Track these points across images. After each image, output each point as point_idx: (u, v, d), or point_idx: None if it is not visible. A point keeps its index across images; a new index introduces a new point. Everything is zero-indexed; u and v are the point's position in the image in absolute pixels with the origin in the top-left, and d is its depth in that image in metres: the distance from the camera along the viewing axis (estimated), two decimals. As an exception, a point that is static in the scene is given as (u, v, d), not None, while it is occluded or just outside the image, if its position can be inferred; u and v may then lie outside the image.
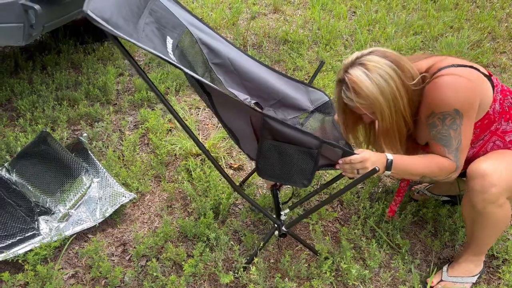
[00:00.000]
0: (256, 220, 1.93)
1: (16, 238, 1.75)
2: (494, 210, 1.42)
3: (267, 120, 1.27)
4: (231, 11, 4.14)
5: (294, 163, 1.37)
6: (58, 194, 1.94)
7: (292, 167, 1.38)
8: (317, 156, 1.34)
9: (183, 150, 2.31)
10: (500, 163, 1.43)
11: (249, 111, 1.30)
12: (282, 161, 1.37)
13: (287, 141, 1.32)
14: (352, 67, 1.41)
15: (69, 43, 3.36)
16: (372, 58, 1.39)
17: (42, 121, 2.49)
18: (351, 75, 1.40)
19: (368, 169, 1.37)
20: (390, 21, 3.89)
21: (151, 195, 2.08)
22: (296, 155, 1.34)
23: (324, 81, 2.90)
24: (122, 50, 1.12)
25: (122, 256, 1.78)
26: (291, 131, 1.29)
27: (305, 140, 1.31)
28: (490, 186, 1.38)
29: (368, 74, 1.37)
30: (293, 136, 1.30)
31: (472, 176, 1.43)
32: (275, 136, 1.31)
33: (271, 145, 1.33)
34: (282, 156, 1.36)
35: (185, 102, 2.77)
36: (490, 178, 1.38)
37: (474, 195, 1.42)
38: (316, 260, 1.73)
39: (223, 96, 1.25)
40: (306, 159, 1.35)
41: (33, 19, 2.01)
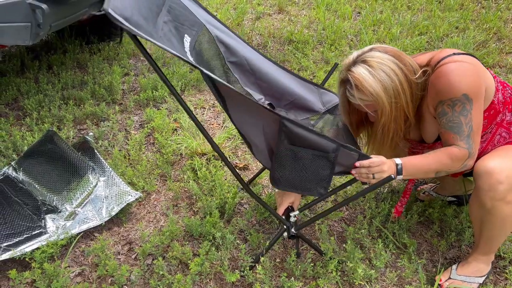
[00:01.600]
0: (261, 220, 1.93)
1: (23, 236, 1.76)
2: (502, 208, 1.41)
3: (284, 123, 1.25)
4: (236, 11, 4.15)
5: (310, 169, 1.34)
6: (65, 193, 1.95)
7: (308, 174, 1.35)
8: (335, 160, 1.32)
9: (189, 150, 2.31)
10: (506, 160, 1.42)
11: (266, 114, 1.28)
12: (299, 168, 1.35)
13: (304, 145, 1.30)
14: (354, 66, 1.39)
15: (75, 43, 3.37)
16: (374, 54, 1.38)
17: (49, 120, 2.51)
18: (354, 73, 1.38)
19: (385, 173, 1.36)
20: (395, 21, 3.88)
21: (157, 194, 2.09)
22: (313, 160, 1.32)
23: (329, 81, 2.89)
24: (142, 50, 1.13)
25: (128, 255, 1.79)
26: (309, 134, 1.27)
27: (322, 143, 1.29)
28: (497, 183, 1.38)
29: (371, 71, 1.35)
30: (310, 139, 1.28)
31: (479, 175, 1.42)
32: (293, 140, 1.28)
33: (288, 149, 1.31)
34: (298, 162, 1.33)
35: (190, 102, 2.78)
36: (497, 176, 1.38)
37: (482, 193, 1.42)
38: (322, 260, 1.73)
39: (239, 98, 1.24)
40: (323, 165, 1.33)
41: (40, 19, 2.02)
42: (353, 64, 1.40)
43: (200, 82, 3.00)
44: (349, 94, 1.43)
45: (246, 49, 1.65)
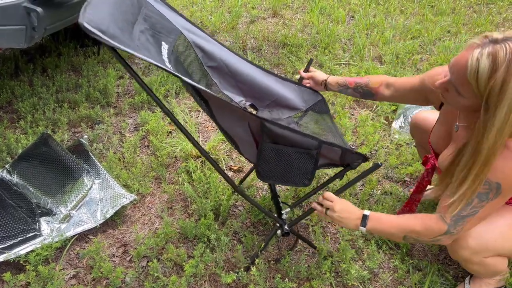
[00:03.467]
0: (256, 221, 1.94)
1: (18, 239, 1.76)
2: (472, 266, 1.38)
3: (265, 124, 1.28)
4: (230, 15, 4.17)
5: (294, 164, 1.38)
6: (59, 195, 1.95)
7: (292, 169, 1.39)
8: (317, 156, 1.35)
9: (183, 152, 2.32)
10: (480, 224, 1.29)
11: (247, 117, 1.31)
12: (283, 163, 1.38)
13: (287, 144, 1.32)
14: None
15: (69, 46, 3.37)
16: None
17: (43, 123, 2.51)
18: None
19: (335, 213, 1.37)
20: (388, 25, 3.92)
21: (151, 197, 2.10)
22: (296, 156, 1.35)
23: (323, 84, 2.92)
24: (120, 60, 1.13)
25: (123, 257, 1.79)
26: (290, 134, 1.30)
27: (304, 141, 1.32)
28: (459, 247, 1.34)
29: None
30: (292, 138, 1.31)
31: None
32: (274, 139, 1.32)
33: (270, 148, 1.34)
34: (282, 158, 1.37)
35: (185, 105, 2.79)
36: (461, 242, 1.32)
37: (448, 250, 1.41)
38: (316, 261, 1.74)
39: (221, 102, 1.25)
40: (306, 160, 1.36)
41: (35, 22, 2.03)
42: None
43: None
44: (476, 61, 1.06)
45: (224, 52, 1.66)
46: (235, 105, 1.26)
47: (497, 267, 1.38)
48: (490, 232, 1.32)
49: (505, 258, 1.40)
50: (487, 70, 1.03)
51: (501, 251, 1.35)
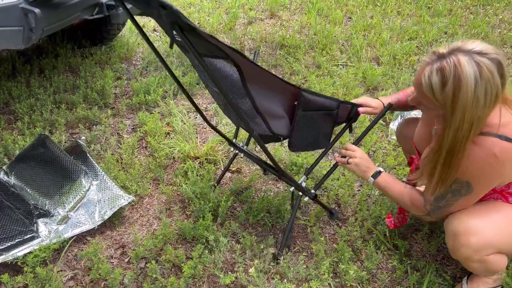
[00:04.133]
0: (254, 222, 1.94)
1: (15, 240, 1.75)
2: (472, 264, 1.39)
3: (302, 93, 1.43)
4: (228, 16, 4.17)
5: (320, 126, 1.60)
6: (57, 197, 1.95)
7: (319, 132, 1.62)
8: (336, 115, 1.58)
9: (182, 153, 2.32)
10: (475, 221, 1.34)
11: (285, 87, 1.43)
12: (312, 128, 1.58)
13: (314, 109, 1.51)
14: (464, 54, 1.13)
15: (66, 47, 3.37)
16: (488, 65, 1.12)
17: (40, 124, 2.50)
18: (460, 62, 1.12)
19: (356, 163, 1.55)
20: (385, 26, 3.93)
21: (149, 198, 2.09)
22: (322, 118, 1.57)
23: (320, 85, 2.92)
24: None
25: (121, 258, 1.79)
26: (319, 98, 1.49)
27: (328, 103, 1.53)
28: (460, 246, 1.35)
29: (477, 79, 1.12)
30: (320, 103, 1.50)
31: (446, 232, 1.41)
32: (306, 106, 1.49)
33: (303, 115, 1.51)
34: (312, 123, 1.57)
35: (183, 106, 2.79)
36: (462, 239, 1.34)
37: (449, 249, 1.42)
38: (314, 262, 1.74)
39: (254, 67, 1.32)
40: (329, 120, 1.59)
41: (32, 23, 2.02)
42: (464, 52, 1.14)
43: (193, 86, 3.01)
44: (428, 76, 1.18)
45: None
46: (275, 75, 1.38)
47: (497, 264, 1.39)
48: (490, 229, 1.34)
49: (504, 256, 1.40)
50: (438, 84, 1.16)
51: (502, 248, 1.36)
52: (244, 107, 1.49)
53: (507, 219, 1.37)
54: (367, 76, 3.06)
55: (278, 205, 1.97)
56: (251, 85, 1.42)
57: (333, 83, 2.99)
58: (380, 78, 3.05)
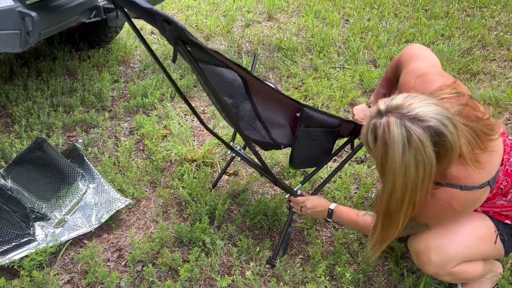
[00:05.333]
0: (251, 225, 1.95)
1: (12, 244, 1.75)
2: (444, 278, 1.40)
3: (306, 110, 1.43)
4: (225, 18, 4.18)
5: (322, 144, 1.60)
6: (54, 200, 1.95)
7: (320, 149, 1.63)
8: (338, 133, 1.58)
9: (179, 156, 2.32)
10: (439, 236, 1.34)
11: (288, 102, 1.42)
12: (312, 145, 1.59)
13: (316, 126, 1.51)
14: (397, 117, 1.08)
15: (64, 50, 3.37)
16: (420, 134, 1.05)
17: (37, 128, 2.50)
18: (389, 126, 1.08)
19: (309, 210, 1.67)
20: (383, 29, 3.94)
21: (146, 201, 2.10)
22: (323, 136, 1.57)
23: (318, 88, 2.93)
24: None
25: (118, 262, 1.79)
26: (322, 116, 1.49)
27: (331, 121, 1.52)
28: (423, 263, 1.37)
29: (405, 146, 1.07)
30: (322, 120, 1.50)
31: (410, 250, 1.43)
32: (307, 123, 1.48)
33: (304, 131, 1.51)
34: (311, 141, 1.57)
35: (181, 109, 2.79)
36: (424, 257, 1.36)
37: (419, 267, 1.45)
38: (311, 264, 1.75)
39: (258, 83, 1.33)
40: (329, 138, 1.60)
41: (30, 26, 2.02)
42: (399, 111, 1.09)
43: (190, 88, 3.02)
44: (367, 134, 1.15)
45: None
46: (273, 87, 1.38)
47: (471, 272, 1.39)
48: (450, 244, 1.34)
49: (476, 262, 1.40)
50: (372, 143, 1.14)
51: (466, 257, 1.36)
52: (245, 111, 1.50)
53: (465, 228, 1.36)
54: (364, 79, 3.07)
55: (275, 208, 1.98)
56: (254, 96, 1.44)
57: (330, 86, 2.99)
58: (377, 80, 3.05)
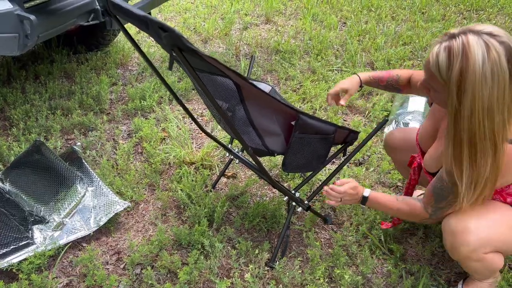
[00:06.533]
0: (250, 228, 1.95)
1: (10, 247, 1.75)
2: (470, 264, 1.40)
3: (301, 117, 1.44)
4: (223, 21, 4.19)
5: (316, 150, 1.60)
6: (52, 203, 1.94)
7: (314, 155, 1.62)
8: (332, 140, 1.59)
9: (177, 159, 2.33)
10: (473, 219, 1.36)
11: (283, 108, 1.44)
12: (307, 151, 1.59)
13: (311, 132, 1.52)
14: (473, 34, 1.11)
15: (62, 53, 3.37)
16: (497, 47, 1.10)
17: (36, 131, 2.50)
18: (468, 41, 1.11)
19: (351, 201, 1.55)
20: (380, 31, 3.96)
21: (145, 204, 2.09)
22: (318, 143, 1.57)
23: (316, 90, 2.94)
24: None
25: (117, 265, 1.79)
26: (317, 122, 1.50)
27: (326, 128, 1.53)
28: (459, 245, 1.35)
29: (484, 58, 1.09)
30: (316, 127, 1.50)
31: (444, 232, 1.41)
32: (302, 130, 1.49)
33: (299, 138, 1.52)
34: (307, 147, 1.57)
35: (179, 112, 2.79)
36: (460, 237, 1.35)
37: (447, 249, 1.42)
38: (310, 266, 1.75)
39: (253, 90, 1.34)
40: (324, 145, 1.60)
41: (28, 29, 2.03)
42: (474, 32, 1.12)
43: (188, 91, 3.02)
44: (436, 57, 1.17)
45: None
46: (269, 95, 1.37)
47: (495, 263, 1.41)
48: (488, 228, 1.35)
49: (501, 255, 1.42)
50: (445, 62, 1.14)
51: (499, 246, 1.38)
52: (238, 117, 1.50)
53: (504, 217, 1.38)
54: (361, 81, 3.08)
55: (274, 210, 1.98)
56: (249, 102, 1.44)
57: (328, 88, 3.00)
58: (374, 83, 3.07)
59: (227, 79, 1.39)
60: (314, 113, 2.80)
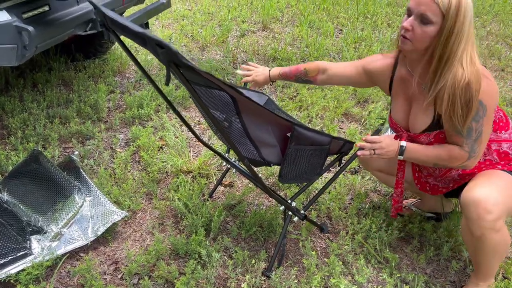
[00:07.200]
0: (247, 237, 1.96)
1: (8, 257, 1.75)
2: (492, 236, 1.44)
3: (297, 129, 1.46)
4: (220, 28, 4.22)
5: (312, 161, 1.61)
6: (50, 213, 1.95)
7: (310, 166, 1.63)
8: (328, 151, 1.61)
9: (174, 168, 2.34)
10: (493, 188, 1.46)
11: (279, 121, 1.46)
12: (303, 162, 1.59)
13: (307, 143, 1.53)
14: None
15: (60, 61, 3.39)
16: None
17: (33, 139, 2.51)
18: None
19: (384, 149, 1.54)
20: (376, 39, 4.00)
21: (142, 213, 2.11)
22: (313, 153, 1.58)
23: (312, 98, 2.96)
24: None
25: (115, 275, 1.80)
26: (313, 134, 1.51)
27: (321, 139, 1.54)
28: (485, 213, 1.40)
29: None
30: (312, 138, 1.52)
31: (466, 204, 1.44)
32: (298, 141, 1.50)
33: (295, 149, 1.53)
34: (303, 157, 1.58)
35: (176, 119, 2.81)
36: (484, 205, 1.40)
37: (471, 223, 1.44)
38: (306, 276, 1.77)
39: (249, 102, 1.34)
40: (320, 155, 1.61)
41: (26, 40, 2.04)
42: None
43: (186, 99, 3.04)
44: None
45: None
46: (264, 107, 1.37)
47: (508, 235, 1.48)
48: (501, 194, 1.45)
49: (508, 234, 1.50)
50: None
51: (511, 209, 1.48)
52: (235, 129, 1.52)
53: (505, 182, 1.51)
54: (357, 89, 3.11)
55: (270, 219, 2.00)
56: (245, 115, 1.46)
57: (325, 96, 3.03)
58: (370, 90, 3.09)
59: (223, 92, 1.41)
60: (311, 121, 2.82)
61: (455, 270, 1.82)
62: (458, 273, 1.81)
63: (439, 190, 1.76)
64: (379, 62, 1.70)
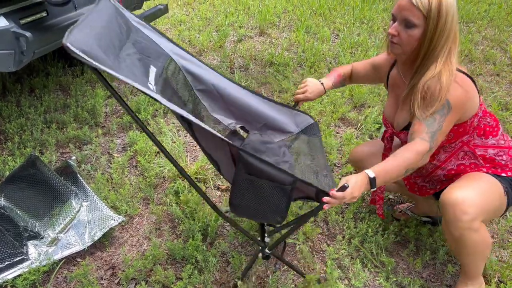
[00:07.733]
0: (243, 242, 1.97)
1: (5, 263, 1.75)
2: (470, 236, 1.46)
3: (242, 155, 1.26)
4: (218, 33, 4.24)
5: (267, 198, 1.34)
6: (47, 219, 1.95)
7: (265, 203, 1.35)
8: (291, 192, 1.32)
9: (172, 173, 2.35)
10: (471, 189, 1.49)
11: (226, 144, 1.31)
12: (256, 196, 1.34)
13: (261, 176, 1.30)
14: None
15: (57, 66, 3.39)
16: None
17: (31, 144, 2.51)
18: None
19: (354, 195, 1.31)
20: (372, 44, 4.02)
21: (139, 218, 2.11)
22: (269, 190, 1.32)
23: (308, 103, 2.98)
24: (102, 80, 1.16)
25: (111, 280, 1.80)
26: (266, 167, 1.28)
27: (279, 176, 1.29)
28: (461, 213, 1.43)
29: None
30: (267, 172, 1.28)
31: (444, 206, 1.48)
32: (250, 170, 1.29)
33: (245, 179, 1.31)
34: (256, 191, 1.33)
35: (174, 124, 2.82)
36: (461, 206, 1.44)
37: (449, 223, 1.48)
38: (303, 281, 1.77)
39: (201, 128, 1.24)
40: (279, 195, 1.32)
41: (24, 46, 2.05)
42: None
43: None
44: None
45: (213, 75, 1.70)
46: (214, 131, 1.24)
47: (487, 235, 1.52)
48: (479, 195, 1.49)
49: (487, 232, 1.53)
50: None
51: (488, 210, 1.50)
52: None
53: (487, 184, 1.54)
54: (354, 94, 3.13)
55: (267, 224, 2.00)
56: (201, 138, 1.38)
57: (321, 101, 3.04)
58: (366, 95, 3.11)
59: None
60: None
61: (451, 274, 1.83)
62: (454, 277, 1.82)
63: (426, 191, 1.78)
64: (382, 58, 1.77)
